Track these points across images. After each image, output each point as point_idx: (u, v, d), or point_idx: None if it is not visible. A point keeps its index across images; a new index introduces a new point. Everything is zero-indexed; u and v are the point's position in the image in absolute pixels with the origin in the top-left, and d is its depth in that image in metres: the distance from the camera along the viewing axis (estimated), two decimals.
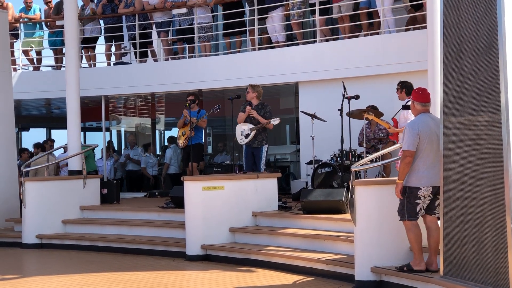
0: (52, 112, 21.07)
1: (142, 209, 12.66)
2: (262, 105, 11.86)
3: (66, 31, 13.89)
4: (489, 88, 6.42)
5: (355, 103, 11.55)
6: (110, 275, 9.73)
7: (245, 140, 11.71)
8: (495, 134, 6.32)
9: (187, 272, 10.06)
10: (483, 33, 6.53)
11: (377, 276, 8.19)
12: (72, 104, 13.52)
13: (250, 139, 11.66)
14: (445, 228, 7.15)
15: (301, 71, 13.88)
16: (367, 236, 8.24)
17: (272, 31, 14.74)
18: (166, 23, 16.14)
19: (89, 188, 13.27)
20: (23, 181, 12.67)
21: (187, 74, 15.21)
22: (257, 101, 11.86)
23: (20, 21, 17.29)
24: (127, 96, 17.64)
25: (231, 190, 10.84)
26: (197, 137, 12.75)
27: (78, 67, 13.80)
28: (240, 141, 11.85)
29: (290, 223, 10.51)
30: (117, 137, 19.89)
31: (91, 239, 12.22)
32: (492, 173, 6.39)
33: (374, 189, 8.21)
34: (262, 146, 11.73)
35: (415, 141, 7.62)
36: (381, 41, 13.04)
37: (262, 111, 11.75)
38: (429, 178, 7.60)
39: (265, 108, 11.80)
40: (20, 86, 16.14)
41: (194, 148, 12.58)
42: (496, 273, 6.33)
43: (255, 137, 11.67)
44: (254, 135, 11.66)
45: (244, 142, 11.77)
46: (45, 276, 9.80)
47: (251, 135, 11.63)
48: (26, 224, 12.66)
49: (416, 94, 7.91)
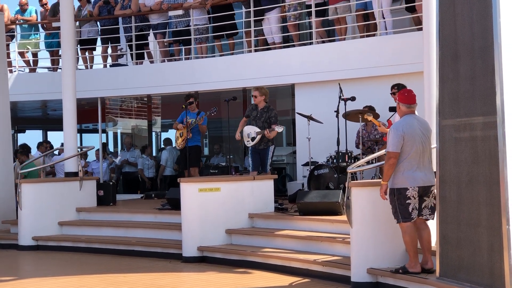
0: (49, 114, 21.06)
1: (139, 211, 12.66)
2: (268, 108, 11.76)
3: (62, 32, 13.88)
4: (485, 90, 6.43)
5: (351, 104, 11.56)
6: (106, 277, 9.73)
7: (251, 142, 11.70)
8: (491, 136, 6.34)
9: (183, 274, 10.05)
10: (478, 35, 6.55)
11: (374, 277, 8.20)
12: (68, 106, 13.50)
13: (256, 142, 11.65)
14: (441, 230, 7.16)
15: (297, 72, 13.89)
16: (363, 237, 8.25)
17: (268, 32, 14.75)
18: (162, 24, 16.14)
19: (85, 190, 13.25)
20: (19, 183, 12.66)
21: (184, 76, 15.21)
22: (264, 104, 11.82)
23: (16, 23, 17.27)
24: (123, 97, 17.63)
25: (228, 191, 10.84)
26: (195, 139, 12.72)
27: (74, 69, 13.80)
28: (247, 143, 11.85)
29: (287, 225, 10.51)
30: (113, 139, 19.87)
31: (87, 241, 12.20)
32: (487, 174, 6.41)
33: (370, 191, 8.21)
34: (269, 147, 11.71)
35: (399, 142, 7.63)
36: (377, 42, 13.06)
37: (266, 115, 11.71)
38: (414, 179, 7.62)
39: (270, 112, 11.70)
40: (16, 88, 16.11)
41: (192, 151, 12.56)
42: (492, 274, 6.34)
43: (261, 139, 11.65)
44: (260, 138, 11.64)
45: (251, 145, 11.76)
46: (41, 278, 9.79)
47: (257, 138, 11.61)
48: (22, 225, 12.64)
49: (401, 96, 7.92)
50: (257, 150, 11.78)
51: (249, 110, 12.02)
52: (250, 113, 11.92)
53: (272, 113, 11.68)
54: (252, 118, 11.84)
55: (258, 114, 11.78)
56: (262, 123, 11.64)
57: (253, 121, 11.80)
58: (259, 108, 11.80)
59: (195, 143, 12.73)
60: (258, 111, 11.79)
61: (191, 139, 12.60)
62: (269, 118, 11.64)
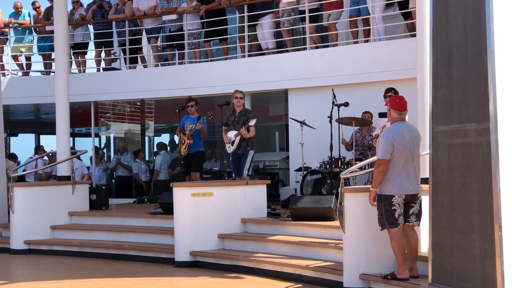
0: (41, 118, 21.01)
1: (131, 215, 12.64)
2: (246, 111, 11.81)
3: (56, 36, 13.86)
4: (478, 96, 6.45)
5: (345, 110, 11.57)
6: (98, 281, 9.70)
7: (232, 147, 11.68)
8: (484, 142, 6.35)
9: (175, 279, 10.03)
10: (472, 42, 6.56)
11: (366, 283, 8.20)
12: (61, 110, 13.48)
13: (235, 146, 11.63)
14: (434, 236, 7.16)
15: (290, 78, 13.90)
16: (356, 243, 8.25)
17: (262, 38, 14.75)
18: (156, 29, 16.13)
19: (77, 194, 13.23)
20: (12, 187, 12.62)
21: (177, 81, 15.21)
22: (241, 108, 11.84)
23: (10, 26, 17.24)
24: (116, 102, 17.61)
25: (220, 196, 10.84)
26: (197, 145, 12.62)
27: (67, 73, 13.78)
28: (228, 149, 11.84)
29: (279, 230, 10.51)
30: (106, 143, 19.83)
31: (80, 245, 12.17)
32: (480, 181, 6.41)
33: (363, 196, 8.21)
34: (247, 151, 11.70)
35: (389, 149, 7.64)
36: (371, 48, 13.08)
37: (244, 118, 11.71)
38: (402, 186, 7.65)
39: (248, 114, 11.74)
40: (9, 91, 16.07)
41: (195, 157, 12.53)
42: (484, 281, 6.34)
43: (240, 143, 11.62)
44: (239, 141, 11.62)
45: (231, 150, 11.74)
46: (33, 282, 9.76)
47: (236, 141, 11.60)
48: (14, 229, 12.61)
49: (392, 102, 7.91)
50: (236, 155, 11.76)
51: (227, 117, 11.97)
52: (228, 120, 11.90)
53: (250, 115, 11.68)
54: (231, 124, 11.83)
55: (236, 118, 11.78)
56: (240, 127, 11.61)
57: (232, 126, 11.78)
58: (237, 113, 11.80)
59: (197, 149, 12.62)
60: (236, 116, 11.79)
61: (193, 145, 12.52)
62: (248, 120, 11.61)
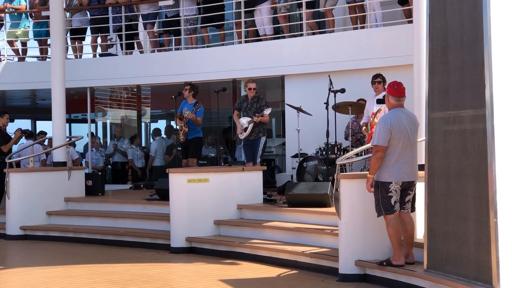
0: (37, 103, 20.97)
1: (127, 201, 12.64)
2: (258, 98, 11.81)
3: (51, 21, 13.82)
4: (474, 83, 6.43)
5: (341, 96, 11.55)
6: (94, 267, 9.70)
7: (244, 134, 11.70)
8: (480, 129, 6.34)
9: (171, 265, 10.03)
10: (468, 28, 6.54)
11: (361, 269, 8.21)
12: (57, 95, 13.45)
13: (248, 132, 11.65)
14: (429, 222, 7.16)
15: (287, 64, 13.88)
16: (352, 229, 8.26)
17: (259, 24, 14.71)
18: (152, 15, 16.08)
19: (73, 180, 13.23)
20: (7, 172, 12.60)
21: (173, 66, 15.17)
22: (253, 94, 11.83)
23: (5, 11, 17.17)
24: (112, 87, 17.57)
25: (216, 182, 10.83)
26: (195, 131, 12.57)
27: (63, 58, 13.73)
28: (240, 135, 11.84)
29: (275, 216, 10.51)
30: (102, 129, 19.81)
31: (76, 231, 12.18)
32: (476, 167, 6.41)
33: (359, 183, 8.21)
34: (260, 138, 11.72)
35: (387, 136, 7.62)
36: (367, 35, 13.05)
37: (257, 104, 11.71)
38: (399, 174, 7.64)
39: (260, 101, 11.76)
40: (5, 77, 16.04)
41: (193, 143, 12.50)
42: (479, 267, 6.35)
43: (253, 130, 11.65)
44: (252, 128, 11.63)
45: (243, 136, 11.76)
46: (28, 267, 9.77)
47: (249, 128, 11.62)
48: (10, 215, 12.61)
49: (391, 88, 7.87)
50: (248, 141, 11.78)
51: (239, 102, 12.01)
52: (240, 106, 11.92)
53: (262, 102, 11.74)
54: (243, 110, 11.83)
55: (248, 104, 11.79)
56: (253, 113, 11.64)
57: (244, 112, 11.80)
58: (249, 99, 11.80)
59: (195, 135, 12.56)
60: (249, 102, 11.80)
61: (190, 132, 12.48)
62: (260, 107, 11.65)
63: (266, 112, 11.50)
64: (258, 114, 11.52)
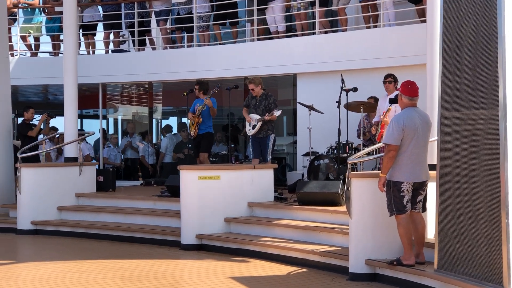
0: (49, 99, 21.04)
1: (138, 198, 12.66)
2: (266, 95, 11.82)
3: (64, 17, 13.85)
4: (487, 83, 6.41)
5: (353, 95, 11.54)
6: (104, 263, 9.73)
7: (252, 131, 11.72)
8: (492, 129, 6.32)
9: (181, 261, 10.05)
10: (482, 28, 6.52)
11: (371, 268, 8.20)
12: (69, 91, 13.49)
13: (256, 130, 11.66)
14: (440, 222, 7.15)
15: (299, 62, 13.87)
16: (362, 228, 8.25)
17: (271, 21, 14.71)
18: (165, 11, 16.10)
19: (85, 175, 13.26)
20: (19, 167, 12.65)
21: (185, 63, 15.19)
22: (261, 92, 11.83)
23: (19, 7, 17.23)
24: (124, 84, 17.61)
25: (227, 180, 10.83)
26: (206, 126, 12.57)
27: (76, 54, 13.77)
28: (248, 132, 11.86)
29: (286, 215, 10.51)
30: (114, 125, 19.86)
31: (86, 226, 12.21)
32: (488, 168, 6.39)
33: (370, 182, 8.19)
34: (269, 136, 11.72)
35: (399, 135, 7.60)
36: (380, 34, 13.03)
37: (265, 102, 11.72)
38: (412, 173, 7.62)
39: (269, 98, 11.77)
40: (18, 72, 16.08)
41: (204, 138, 12.51)
42: (490, 268, 6.34)
43: (261, 127, 11.67)
44: (260, 126, 11.65)
45: (251, 133, 11.77)
46: (39, 262, 9.80)
47: (257, 126, 11.63)
48: (21, 210, 12.65)
49: (404, 88, 7.84)
50: (256, 139, 11.80)
51: (248, 99, 12.03)
52: (249, 103, 11.94)
53: (271, 99, 11.72)
54: (252, 107, 11.86)
55: (257, 102, 11.81)
56: (262, 111, 11.65)
57: (253, 109, 11.82)
58: (258, 96, 11.81)
59: (207, 130, 12.58)
60: (257, 99, 11.82)
61: (202, 124, 12.46)
62: (269, 105, 11.66)
63: (277, 114, 11.49)
64: (268, 114, 11.52)
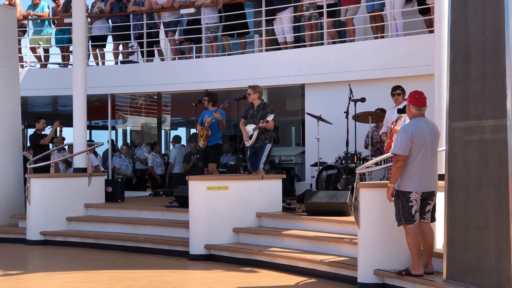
0: (59, 110, 21.11)
1: (147, 208, 12.67)
2: (264, 105, 11.85)
3: (74, 29, 13.91)
4: (496, 93, 6.42)
5: (361, 106, 11.55)
6: (113, 273, 9.75)
7: (250, 141, 11.73)
8: (501, 139, 6.32)
9: (190, 272, 10.07)
10: (490, 37, 6.53)
11: (380, 278, 8.19)
12: (79, 102, 13.54)
13: (253, 140, 11.67)
14: (449, 232, 7.14)
15: (307, 73, 13.89)
16: (371, 238, 8.24)
17: (279, 32, 14.75)
18: (173, 22, 16.17)
19: (93, 186, 13.29)
20: (28, 178, 12.69)
21: (194, 74, 15.23)
22: (259, 102, 11.86)
23: (29, 18, 17.34)
24: (133, 95, 17.67)
25: (236, 190, 10.85)
26: (215, 138, 12.60)
27: (85, 65, 13.82)
28: (246, 143, 11.88)
29: (294, 225, 10.51)
30: (122, 136, 19.91)
31: (95, 236, 12.23)
32: (496, 177, 6.39)
33: (378, 192, 8.19)
34: (265, 145, 11.72)
35: (407, 145, 7.61)
36: (388, 44, 13.04)
37: (262, 112, 11.74)
38: (420, 183, 7.62)
39: (266, 108, 11.78)
40: (27, 83, 16.17)
41: (213, 149, 12.54)
42: (499, 278, 6.33)
43: (258, 137, 11.67)
44: (257, 135, 11.66)
45: (249, 144, 11.79)
46: (48, 272, 9.83)
47: (254, 135, 11.64)
48: (30, 220, 12.69)
49: (412, 98, 7.85)
50: (254, 148, 11.80)
51: (245, 110, 12.03)
52: (246, 113, 11.95)
53: (268, 109, 11.73)
54: (249, 117, 11.87)
55: (254, 112, 11.83)
56: (259, 120, 11.65)
57: (250, 119, 11.83)
58: (255, 106, 11.83)
59: (215, 141, 12.61)
60: (254, 109, 11.83)
61: (211, 136, 12.50)
62: (266, 114, 11.65)
63: (269, 118, 11.49)
64: (262, 121, 11.54)
